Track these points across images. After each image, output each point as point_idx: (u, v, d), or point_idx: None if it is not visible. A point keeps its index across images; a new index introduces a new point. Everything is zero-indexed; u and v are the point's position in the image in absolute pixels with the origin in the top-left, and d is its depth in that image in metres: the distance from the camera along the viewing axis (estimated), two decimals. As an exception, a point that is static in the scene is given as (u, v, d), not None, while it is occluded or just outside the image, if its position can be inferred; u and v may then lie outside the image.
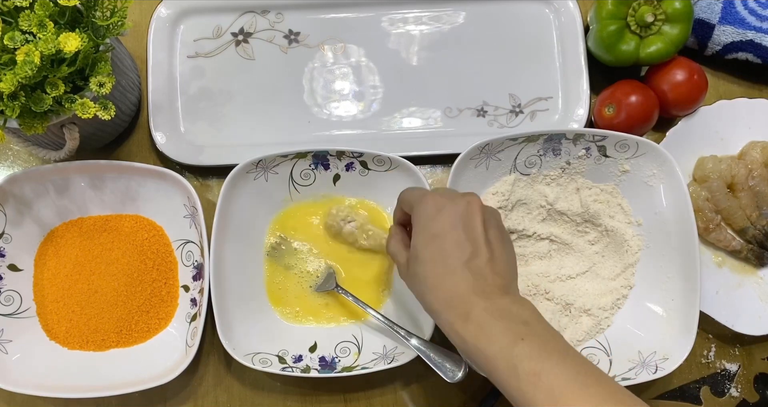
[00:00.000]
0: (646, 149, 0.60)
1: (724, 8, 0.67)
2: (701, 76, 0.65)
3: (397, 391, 0.62)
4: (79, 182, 0.61)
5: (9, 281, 0.60)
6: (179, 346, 0.59)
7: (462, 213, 0.46)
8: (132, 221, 0.63)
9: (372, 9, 0.69)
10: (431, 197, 0.47)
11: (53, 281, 0.61)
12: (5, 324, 0.59)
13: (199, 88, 0.67)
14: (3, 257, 0.60)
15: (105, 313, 0.61)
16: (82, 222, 0.62)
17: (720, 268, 0.65)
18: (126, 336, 0.61)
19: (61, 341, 0.60)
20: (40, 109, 0.49)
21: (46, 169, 0.59)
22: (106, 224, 0.63)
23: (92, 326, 0.61)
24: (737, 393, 0.65)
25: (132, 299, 0.61)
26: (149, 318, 0.61)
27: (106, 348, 0.61)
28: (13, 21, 0.49)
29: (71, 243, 0.62)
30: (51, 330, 0.60)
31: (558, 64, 0.69)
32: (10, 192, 0.59)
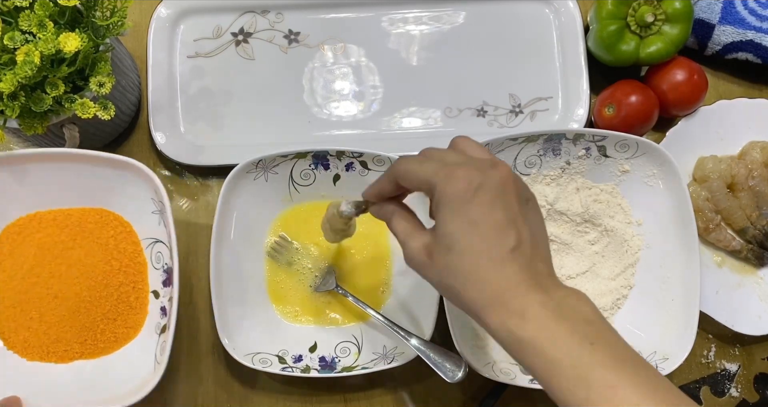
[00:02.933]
0: (646, 149, 0.60)
1: (724, 8, 0.67)
2: (701, 76, 0.65)
3: (397, 391, 0.62)
4: (38, 172, 0.55)
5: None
6: (148, 360, 0.53)
7: (497, 189, 0.38)
8: (97, 215, 0.57)
9: (372, 9, 0.69)
10: (462, 173, 0.38)
11: (9, 283, 0.55)
12: None
13: (199, 88, 0.67)
14: None
15: (67, 321, 0.55)
16: (41, 217, 0.56)
17: (720, 268, 0.65)
18: (91, 346, 0.55)
19: (20, 351, 0.55)
20: (40, 109, 0.49)
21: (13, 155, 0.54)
22: (68, 219, 0.57)
23: (53, 335, 0.55)
24: (737, 393, 0.65)
25: (97, 305, 0.56)
26: (116, 326, 0.56)
27: (69, 360, 0.55)
28: (13, 21, 0.49)
29: (28, 241, 0.56)
30: (8, 338, 0.55)
31: (558, 64, 0.69)
32: None
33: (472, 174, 0.38)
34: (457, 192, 0.38)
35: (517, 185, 0.40)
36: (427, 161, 0.40)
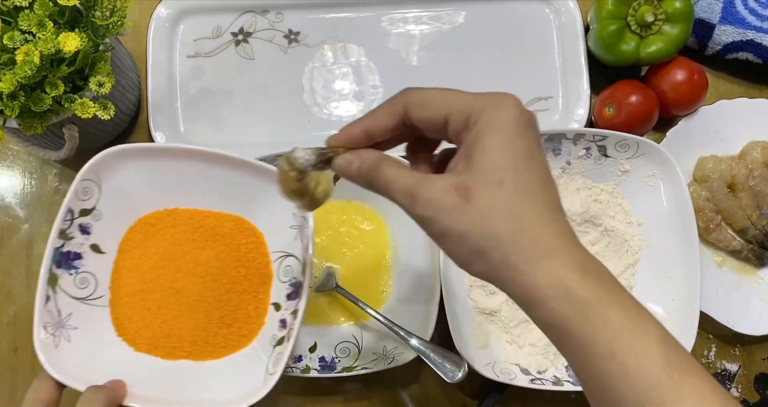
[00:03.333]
0: (647, 149, 0.60)
1: (725, 8, 0.67)
2: (701, 76, 0.65)
3: (397, 391, 0.62)
4: (187, 169, 0.54)
5: (88, 263, 0.52)
6: (257, 371, 0.51)
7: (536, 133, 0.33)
8: (232, 222, 0.56)
9: (372, 9, 0.69)
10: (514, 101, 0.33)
11: (134, 271, 0.54)
12: (74, 308, 0.51)
13: (199, 88, 0.67)
14: (88, 234, 0.52)
15: (183, 318, 0.54)
16: (178, 213, 0.56)
17: (720, 268, 0.65)
18: (200, 348, 0.54)
19: (129, 339, 0.53)
20: (40, 109, 0.49)
21: (157, 147, 0.53)
22: (204, 221, 0.56)
23: (166, 329, 0.54)
24: (737, 394, 0.65)
25: (216, 308, 0.54)
26: (230, 332, 0.54)
27: (176, 358, 0.53)
28: (13, 21, 0.49)
29: (162, 234, 0.55)
30: (121, 325, 0.53)
31: (558, 64, 0.69)
32: (113, 166, 0.52)
33: (521, 106, 0.33)
34: (513, 120, 0.32)
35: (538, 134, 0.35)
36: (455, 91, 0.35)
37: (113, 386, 0.47)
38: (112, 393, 0.46)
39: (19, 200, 0.65)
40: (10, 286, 0.63)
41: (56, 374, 0.47)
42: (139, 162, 0.53)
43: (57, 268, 0.50)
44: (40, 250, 0.64)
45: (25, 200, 0.65)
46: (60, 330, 0.50)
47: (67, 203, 0.50)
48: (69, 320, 0.51)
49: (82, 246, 0.52)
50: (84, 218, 0.52)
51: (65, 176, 0.65)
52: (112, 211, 0.53)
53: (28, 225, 0.64)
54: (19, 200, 0.65)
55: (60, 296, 0.50)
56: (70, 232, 0.51)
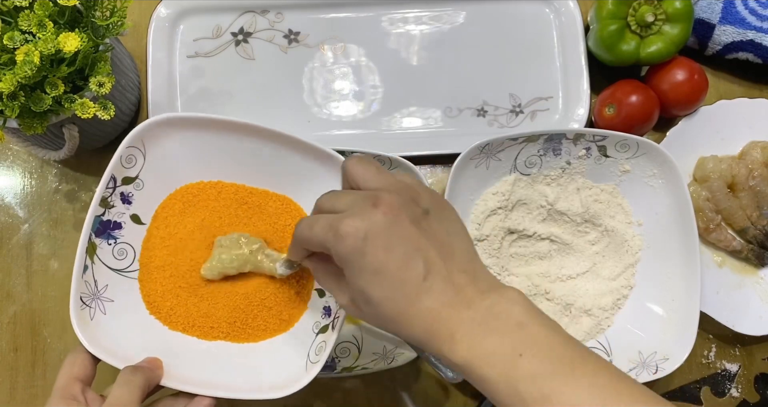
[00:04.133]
0: (647, 149, 0.60)
1: (725, 8, 0.67)
2: (701, 76, 0.65)
3: (397, 391, 0.62)
4: (235, 143, 0.52)
5: (127, 233, 0.51)
6: (297, 358, 0.49)
7: (385, 228, 0.37)
8: (279, 202, 0.54)
9: (372, 9, 0.69)
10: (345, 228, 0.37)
11: (166, 241, 0.52)
12: (111, 280, 0.49)
13: (198, 88, 0.67)
14: (129, 204, 0.51)
15: (221, 298, 0.51)
16: (222, 186, 0.53)
17: (720, 268, 0.65)
18: (239, 329, 0.51)
19: (162, 318, 0.51)
20: (40, 109, 0.49)
21: (205, 118, 0.51)
22: (249, 197, 0.54)
23: (203, 309, 0.51)
24: (738, 394, 0.65)
25: (256, 289, 0.52)
26: (270, 315, 0.52)
27: (213, 338, 0.51)
28: (13, 21, 0.49)
29: (202, 205, 0.53)
30: (152, 303, 0.51)
31: (558, 64, 0.69)
32: (159, 134, 0.50)
33: (357, 225, 0.37)
34: (349, 250, 0.37)
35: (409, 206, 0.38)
36: (315, 222, 0.39)
37: (150, 365, 0.46)
38: (149, 373, 0.44)
39: (19, 200, 0.65)
40: (10, 286, 0.63)
41: (91, 347, 0.45)
42: (186, 132, 0.51)
43: (96, 237, 0.49)
44: (39, 250, 0.64)
45: (25, 200, 0.65)
46: (96, 301, 0.48)
47: (110, 170, 0.48)
48: (105, 291, 0.49)
49: (122, 216, 0.50)
50: (126, 186, 0.50)
51: (65, 176, 0.65)
52: (155, 181, 0.51)
53: (28, 225, 0.64)
54: (19, 200, 0.65)
55: (98, 267, 0.49)
56: (111, 200, 0.49)
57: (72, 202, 0.65)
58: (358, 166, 0.40)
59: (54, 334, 0.62)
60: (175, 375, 0.46)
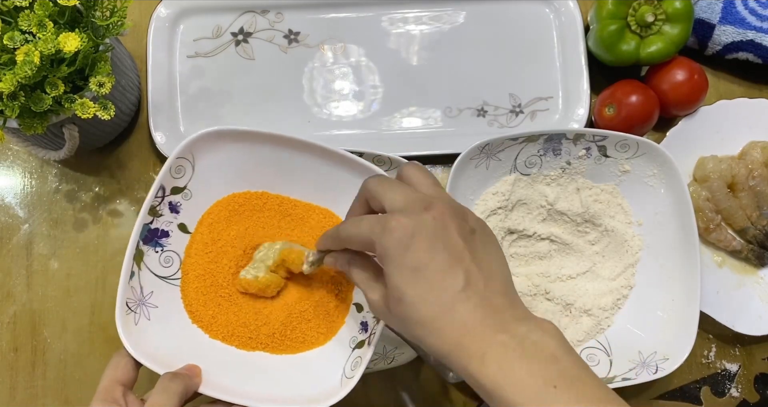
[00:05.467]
0: (647, 149, 0.60)
1: (725, 8, 0.67)
2: (701, 76, 0.65)
3: (397, 391, 0.62)
4: (281, 156, 0.53)
5: (174, 242, 0.52)
6: (333, 372, 0.49)
7: (434, 231, 0.38)
8: (321, 215, 0.55)
9: (372, 9, 0.69)
10: (394, 223, 0.38)
11: (209, 247, 0.52)
12: (156, 287, 0.50)
13: (199, 88, 0.67)
14: (177, 214, 0.52)
15: (261, 308, 0.52)
16: (267, 197, 0.54)
17: (720, 268, 0.65)
18: (278, 341, 0.52)
19: (204, 326, 0.52)
20: (40, 109, 0.49)
21: (253, 132, 0.52)
22: (293, 210, 0.54)
23: (242, 319, 0.52)
24: (737, 394, 0.65)
25: (296, 301, 0.52)
26: (308, 328, 0.52)
27: (251, 349, 0.52)
28: (13, 21, 0.49)
29: (248, 214, 0.53)
30: (194, 312, 0.52)
31: (558, 64, 0.69)
32: (208, 147, 0.51)
33: (404, 222, 0.37)
34: (394, 243, 0.37)
35: (458, 219, 0.39)
36: (363, 220, 0.40)
37: (189, 373, 0.46)
38: (188, 381, 0.45)
39: (19, 200, 0.65)
40: (10, 286, 0.63)
41: (134, 352, 0.46)
42: (234, 144, 0.52)
43: (144, 244, 0.50)
44: (39, 250, 0.64)
45: (25, 200, 0.65)
46: (141, 307, 0.49)
47: (160, 180, 0.49)
48: (150, 298, 0.50)
49: (170, 225, 0.51)
50: (174, 196, 0.51)
51: (65, 176, 0.65)
52: (202, 192, 0.52)
53: (28, 225, 0.64)
54: (19, 200, 0.65)
55: (144, 273, 0.50)
56: (160, 209, 0.50)
57: (72, 202, 0.65)
58: (416, 170, 0.42)
59: (54, 334, 0.62)
60: (213, 383, 0.47)
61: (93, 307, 0.63)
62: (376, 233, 0.38)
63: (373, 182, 0.42)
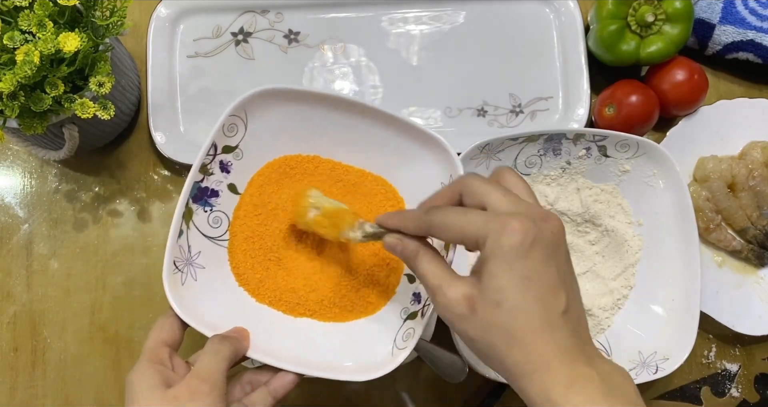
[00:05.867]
0: (647, 149, 0.60)
1: (725, 8, 0.67)
2: (702, 76, 0.65)
3: (397, 391, 0.62)
4: (336, 120, 0.51)
5: (224, 202, 0.51)
6: (382, 343, 0.48)
7: (551, 245, 0.36)
8: (374, 182, 0.53)
9: (372, 9, 0.69)
10: (517, 224, 0.36)
11: (259, 209, 0.51)
12: (204, 247, 0.49)
13: (199, 88, 0.67)
14: (228, 173, 0.51)
15: (310, 274, 0.51)
16: (319, 162, 0.53)
17: (720, 268, 0.65)
18: (326, 308, 0.50)
19: (251, 290, 0.51)
20: (40, 109, 0.49)
21: (308, 92, 0.50)
22: (345, 175, 0.53)
23: (291, 284, 0.51)
24: (738, 394, 0.65)
25: (346, 268, 0.51)
26: (357, 297, 0.51)
27: (298, 315, 0.50)
28: (13, 21, 0.49)
29: (298, 178, 0.52)
30: (241, 275, 0.51)
31: (558, 64, 0.69)
32: (261, 105, 0.50)
33: (528, 226, 0.36)
34: (513, 245, 0.35)
35: (565, 240, 0.38)
36: (470, 212, 0.38)
37: (238, 336, 0.46)
38: (237, 344, 0.44)
39: (19, 200, 0.65)
40: (10, 286, 0.63)
41: (180, 312, 0.45)
42: (288, 105, 0.51)
43: (193, 202, 0.49)
44: (39, 250, 0.64)
45: (25, 200, 0.65)
46: (188, 267, 0.48)
47: (212, 137, 0.48)
48: (198, 258, 0.49)
49: (220, 184, 0.50)
50: (226, 155, 0.50)
51: (65, 176, 0.65)
52: (254, 152, 0.51)
53: (27, 225, 0.64)
54: (19, 200, 0.65)
55: (192, 233, 0.49)
56: (210, 167, 0.50)
57: (72, 202, 0.65)
58: (518, 179, 0.40)
59: (54, 334, 0.62)
60: (261, 347, 0.46)
61: (93, 307, 0.63)
62: (492, 229, 0.36)
63: (476, 178, 0.39)
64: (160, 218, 0.65)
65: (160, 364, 0.42)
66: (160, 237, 0.64)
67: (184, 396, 0.40)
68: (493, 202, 0.38)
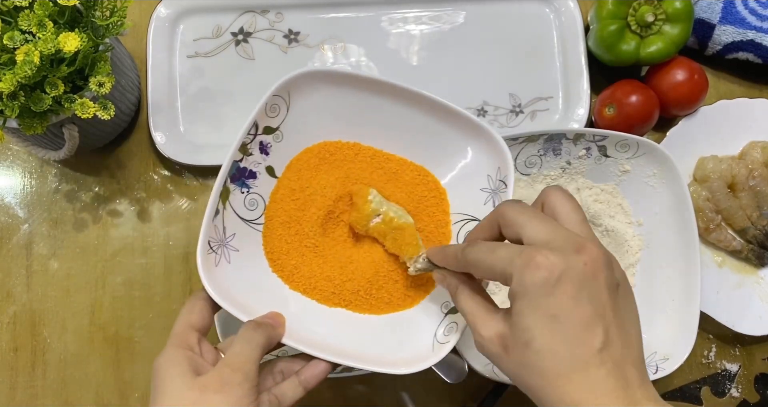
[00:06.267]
0: (647, 149, 0.60)
1: (725, 8, 0.67)
2: (701, 76, 0.65)
3: (397, 391, 0.62)
4: (379, 105, 0.50)
5: (261, 184, 0.49)
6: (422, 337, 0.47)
7: (583, 279, 0.34)
8: (415, 172, 0.51)
9: (372, 9, 0.69)
10: (541, 259, 0.34)
11: (296, 194, 0.50)
12: (239, 229, 0.48)
13: (198, 88, 0.67)
14: (267, 155, 0.49)
15: (347, 263, 0.49)
16: (359, 149, 0.51)
17: (720, 268, 0.65)
18: (362, 299, 0.49)
19: (284, 276, 0.49)
20: (40, 109, 0.49)
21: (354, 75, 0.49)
22: (386, 163, 0.51)
23: (327, 272, 0.49)
24: (738, 394, 0.65)
25: (385, 259, 0.49)
26: (396, 289, 0.49)
27: (333, 304, 0.49)
28: (13, 21, 0.49)
29: (338, 164, 0.51)
30: (276, 260, 0.49)
31: (558, 64, 0.69)
32: (304, 87, 0.49)
33: (553, 261, 0.33)
34: (536, 282, 0.34)
35: (607, 269, 0.35)
36: (499, 247, 0.36)
37: (273, 322, 0.44)
38: (272, 331, 0.43)
39: (18, 200, 0.65)
40: (10, 286, 0.63)
41: (213, 293, 0.43)
42: (331, 88, 0.49)
43: (231, 182, 0.47)
44: (39, 250, 0.64)
45: (25, 200, 0.65)
46: (222, 248, 0.47)
47: (254, 116, 0.47)
48: (232, 240, 0.47)
49: (258, 166, 0.49)
50: (266, 136, 0.49)
51: (65, 176, 0.65)
52: (294, 135, 0.50)
53: (27, 225, 0.64)
54: (18, 200, 0.65)
55: (228, 213, 0.47)
56: (250, 147, 0.48)
57: (72, 202, 0.65)
58: (566, 201, 0.38)
59: (54, 334, 0.62)
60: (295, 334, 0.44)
61: (93, 307, 0.63)
62: (516, 265, 0.34)
63: (512, 207, 0.38)
64: (160, 218, 0.65)
65: (188, 350, 0.41)
66: (159, 237, 0.64)
67: (214, 385, 0.38)
68: (527, 233, 0.36)
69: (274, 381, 0.44)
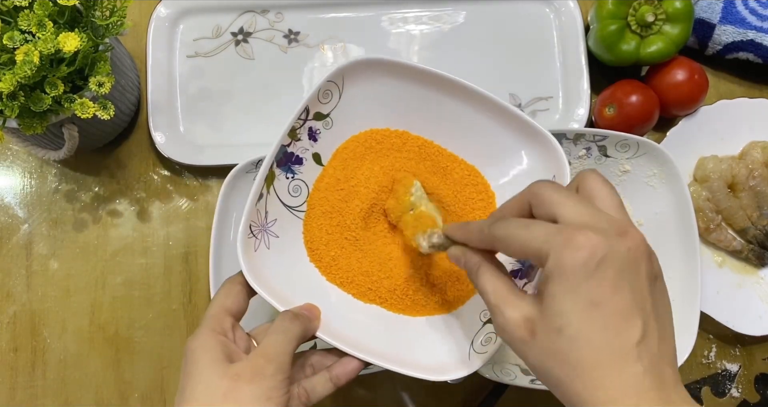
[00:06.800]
0: (647, 149, 0.60)
1: (725, 8, 0.66)
2: (702, 76, 0.65)
3: (397, 391, 0.62)
4: (437, 98, 0.49)
5: (306, 171, 0.48)
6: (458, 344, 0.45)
7: (625, 264, 0.31)
8: (466, 171, 0.50)
9: (372, 9, 0.69)
10: (583, 240, 0.31)
11: (341, 184, 0.49)
12: (281, 215, 0.47)
13: (198, 88, 0.67)
14: (315, 141, 0.48)
15: (386, 260, 0.48)
16: (407, 137, 0.50)
17: (720, 268, 0.65)
18: (398, 298, 0.47)
19: (322, 268, 0.48)
20: (40, 109, 0.49)
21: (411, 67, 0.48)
22: (436, 156, 0.50)
23: (365, 266, 0.48)
24: (738, 394, 0.65)
25: (425, 260, 0.48)
26: (433, 293, 0.47)
27: (369, 301, 0.48)
28: (13, 21, 0.49)
29: (385, 153, 0.49)
30: (315, 250, 0.48)
31: (558, 64, 0.68)
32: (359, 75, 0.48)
33: (595, 242, 0.31)
34: (576, 264, 0.31)
35: (649, 260, 0.33)
36: (533, 223, 0.34)
37: (309, 314, 0.43)
38: (308, 324, 0.42)
39: (18, 200, 0.65)
40: (10, 286, 0.63)
41: (251, 278, 0.42)
42: (388, 79, 0.48)
43: (277, 167, 0.46)
44: (39, 250, 0.64)
45: (25, 200, 0.65)
46: (263, 233, 0.46)
47: (307, 100, 0.46)
48: (273, 226, 0.46)
49: (305, 152, 0.48)
50: (316, 122, 0.48)
51: (65, 176, 0.65)
52: (343, 123, 0.49)
53: (27, 225, 0.64)
54: (18, 200, 0.65)
55: (271, 198, 0.46)
56: (299, 133, 0.47)
57: (72, 202, 0.65)
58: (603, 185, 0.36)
59: (54, 334, 0.62)
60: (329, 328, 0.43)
61: (93, 307, 0.63)
62: (554, 243, 0.32)
63: (547, 186, 0.35)
64: (159, 218, 0.65)
65: (222, 335, 0.40)
66: (159, 237, 0.64)
67: (247, 375, 0.37)
68: (564, 213, 0.33)
69: (304, 374, 0.43)
